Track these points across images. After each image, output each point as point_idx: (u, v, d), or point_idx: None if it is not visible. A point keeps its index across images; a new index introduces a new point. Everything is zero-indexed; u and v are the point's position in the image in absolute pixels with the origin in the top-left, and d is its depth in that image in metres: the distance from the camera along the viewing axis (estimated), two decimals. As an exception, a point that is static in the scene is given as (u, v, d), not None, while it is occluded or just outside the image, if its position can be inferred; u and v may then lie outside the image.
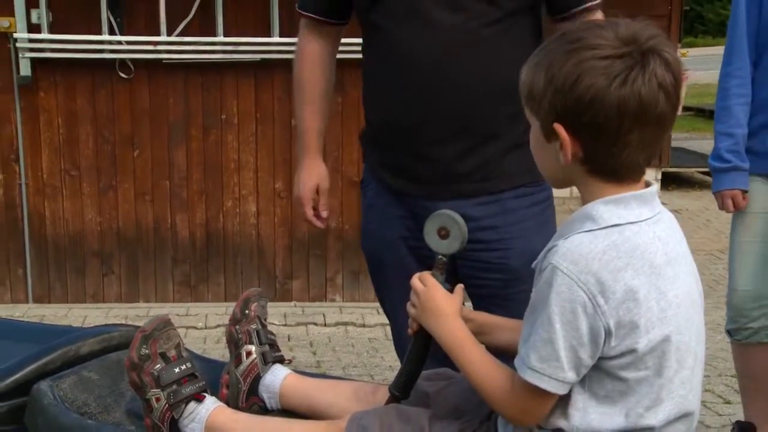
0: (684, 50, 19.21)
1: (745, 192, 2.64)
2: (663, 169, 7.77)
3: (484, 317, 1.60)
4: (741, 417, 2.86)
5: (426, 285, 1.50)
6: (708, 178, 8.22)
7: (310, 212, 2.15)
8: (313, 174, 2.14)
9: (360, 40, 2.01)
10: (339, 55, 2.18)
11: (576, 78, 1.23)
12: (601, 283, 1.22)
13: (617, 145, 1.25)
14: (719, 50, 2.82)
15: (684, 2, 8.13)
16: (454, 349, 1.43)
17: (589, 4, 1.89)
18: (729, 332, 2.79)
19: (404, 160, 1.94)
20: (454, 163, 1.89)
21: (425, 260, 1.91)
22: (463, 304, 1.52)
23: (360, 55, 2.03)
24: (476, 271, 1.94)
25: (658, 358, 1.26)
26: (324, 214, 2.17)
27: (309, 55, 2.12)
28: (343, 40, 2.17)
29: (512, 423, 1.36)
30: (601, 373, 1.27)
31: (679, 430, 1.32)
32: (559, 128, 1.26)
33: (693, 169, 8.81)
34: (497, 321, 1.59)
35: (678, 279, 1.29)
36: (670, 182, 8.30)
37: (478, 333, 1.52)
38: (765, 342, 2.73)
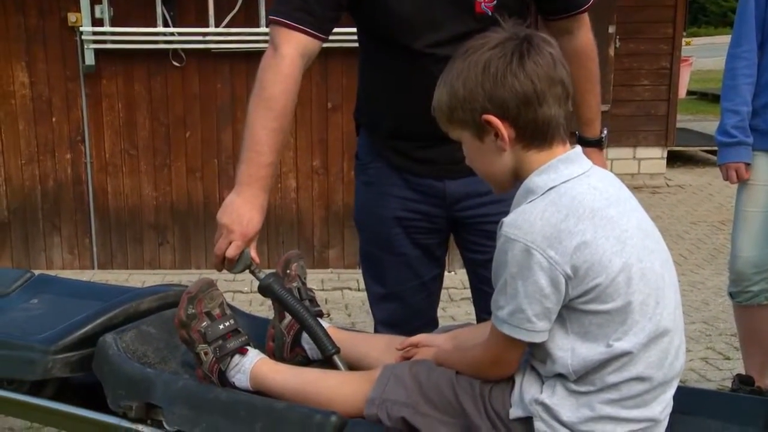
0: (689, 39, 18.83)
1: (747, 165, 2.60)
2: (669, 148, 7.64)
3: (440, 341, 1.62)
4: (740, 371, 2.83)
5: (426, 344, 1.58)
6: (711, 156, 8.08)
7: (254, 253, 1.67)
8: (262, 213, 1.66)
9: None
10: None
11: (483, 68, 1.29)
12: (548, 238, 1.24)
13: (541, 105, 1.28)
14: (721, 39, 2.80)
15: (689, -7, 7.95)
16: (453, 366, 1.45)
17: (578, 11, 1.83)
18: (731, 294, 2.75)
19: (415, 150, 1.86)
20: (459, 150, 1.82)
21: (415, 238, 1.93)
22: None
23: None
24: (481, 239, 1.90)
25: (623, 287, 1.26)
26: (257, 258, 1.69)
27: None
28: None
29: (490, 379, 1.37)
30: (576, 312, 1.28)
31: (659, 348, 1.30)
32: (489, 117, 1.30)
33: (696, 148, 8.64)
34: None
35: (624, 216, 1.30)
36: (675, 160, 8.16)
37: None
38: (764, 304, 2.70)
